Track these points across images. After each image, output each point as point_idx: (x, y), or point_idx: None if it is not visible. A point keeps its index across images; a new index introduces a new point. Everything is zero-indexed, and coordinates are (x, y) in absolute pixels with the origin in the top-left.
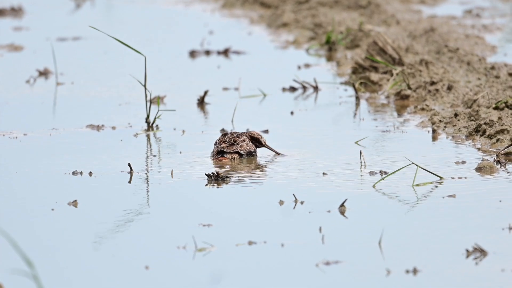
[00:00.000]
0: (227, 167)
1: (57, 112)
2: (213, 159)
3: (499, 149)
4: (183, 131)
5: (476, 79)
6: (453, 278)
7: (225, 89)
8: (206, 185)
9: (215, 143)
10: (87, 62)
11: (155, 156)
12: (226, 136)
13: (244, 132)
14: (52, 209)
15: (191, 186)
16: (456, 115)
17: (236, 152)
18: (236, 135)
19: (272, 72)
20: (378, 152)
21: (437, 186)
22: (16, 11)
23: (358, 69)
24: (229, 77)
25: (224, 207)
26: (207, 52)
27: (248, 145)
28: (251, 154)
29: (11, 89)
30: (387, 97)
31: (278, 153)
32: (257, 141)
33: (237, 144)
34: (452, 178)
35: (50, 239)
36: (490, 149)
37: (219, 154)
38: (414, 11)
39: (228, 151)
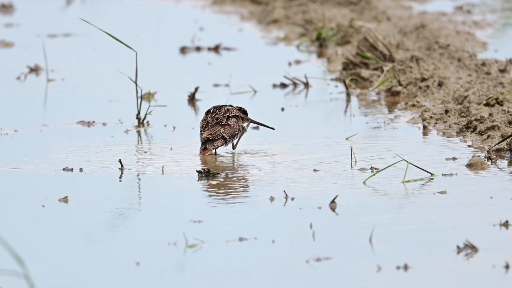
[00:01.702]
0: (217, 163)
1: (48, 108)
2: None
3: (490, 146)
4: (174, 127)
5: (466, 75)
6: (444, 274)
7: (216, 85)
8: (197, 181)
9: (201, 125)
10: (77, 59)
11: (145, 152)
12: (209, 115)
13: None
14: (43, 206)
15: (182, 182)
16: (446, 111)
17: (222, 138)
18: (218, 109)
19: (263, 68)
20: (368, 148)
21: (427, 183)
22: (6, 8)
23: (348, 65)
24: (219, 73)
25: (214, 204)
26: (198, 49)
27: (234, 124)
28: (236, 135)
29: (1, 86)
30: (378, 93)
31: (267, 126)
32: (244, 113)
33: (222, 123)
34: (443, 174)
35: (40, 236)
36: (481, 146)
37: (203, 145)
38: (405, 8)
39: (212, 138)
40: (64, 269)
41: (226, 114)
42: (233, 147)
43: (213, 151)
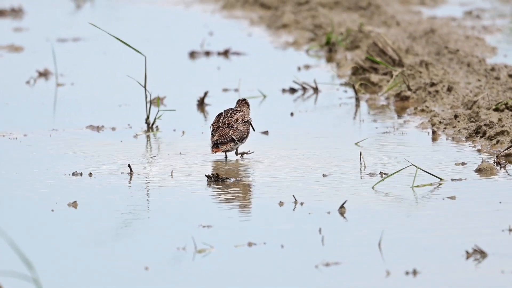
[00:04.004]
0: (227, 168)
1: (57, 113)
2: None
3: (499, 151)
4: (183, 132)
5: (476, 80)
6: (453, 279)
7: (225, 90)
8: (206, 186)
9: (211, 128)
10: (87, 63)
11: (155, 157)
12: (221, 118)
13: (239, 105)
14: (52, 210)
15: (191, 187)
16: (456, 116)
17: (231, 140)
18: (230, 114)
19: (272, 73)
20: (378, 153)
21: (437, 188)
22: (16, 12)
23: (358, 70)
24: (229, 78)
25: (223, 208)
26: (207, 53)
27: (241, 128)
28: (244, 139)
29: (11, 90)
30: (387, 98)
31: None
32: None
33: (231, 127)
34: (452, 179)
35: (50, 240)
36: (490, 151)
37: (214, 145)
38: (414, 12)
39: (222, 141)
40: (72, 274)
41: (236, 118)
42: (236, 153)
43: (225, 154)
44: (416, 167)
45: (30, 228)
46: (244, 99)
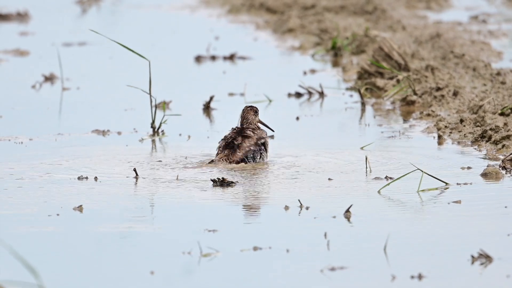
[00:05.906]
0: (232, 172)
1: (63, 117)
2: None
3: (505, 155)
4: (189, 136)
5: (481, 85)
6: (459, 284)
7: (231, 94)
8: (212, 190)
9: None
10: (92, 67)
11: (160, 161)
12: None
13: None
14: (58, 214)
15: (197, 191)
16: (461, 121)
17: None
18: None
19: (278, 77)
20: (383, 157)
21: (442, 192)
22: (22, 16)
23: (363, 74)
24: (234, 82)
25: (229, 213)
26: (213, 58)
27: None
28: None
29: (16, 94)
30: (393, 102)
31: (271, 130)
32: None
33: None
34: (457, 184)
35: (55, 245)
36: (496, 155)
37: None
38: (420, 17)
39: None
40: (78, 279)
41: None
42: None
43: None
44: (422, 171)
45: (35, 233)
46: (250, 106)
